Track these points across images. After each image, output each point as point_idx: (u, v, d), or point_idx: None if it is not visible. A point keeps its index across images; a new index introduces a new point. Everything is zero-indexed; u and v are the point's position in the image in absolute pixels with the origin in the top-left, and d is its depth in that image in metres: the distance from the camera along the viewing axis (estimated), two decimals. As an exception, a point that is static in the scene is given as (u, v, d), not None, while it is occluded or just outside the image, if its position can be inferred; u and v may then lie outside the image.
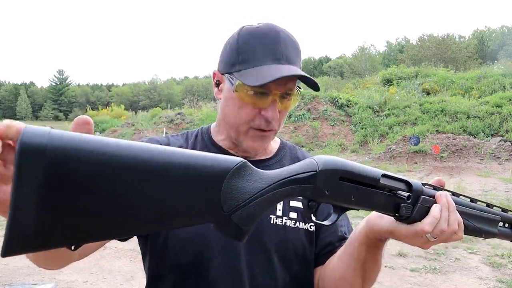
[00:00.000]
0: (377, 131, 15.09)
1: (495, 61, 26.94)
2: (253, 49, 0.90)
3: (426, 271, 4.53)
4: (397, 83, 19.98)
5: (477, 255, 5.02)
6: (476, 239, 5.58)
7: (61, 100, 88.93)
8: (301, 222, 0.98)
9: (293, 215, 0.98)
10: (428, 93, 17.85)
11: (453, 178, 9.97)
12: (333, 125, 15.91)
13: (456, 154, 12.12)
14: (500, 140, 12.84)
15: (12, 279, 4.10)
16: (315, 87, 0.92)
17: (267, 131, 0.94)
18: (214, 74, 0.99)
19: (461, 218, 0.76)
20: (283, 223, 0.96)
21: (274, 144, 1.10)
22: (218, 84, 0.98)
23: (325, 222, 0.68)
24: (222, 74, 0.95)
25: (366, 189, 0.67)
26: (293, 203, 0.99)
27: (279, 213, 0.97)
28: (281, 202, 0.97)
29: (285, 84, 0.90)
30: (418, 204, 0.72)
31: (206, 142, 1.05)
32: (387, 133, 14.89)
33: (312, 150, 14.43)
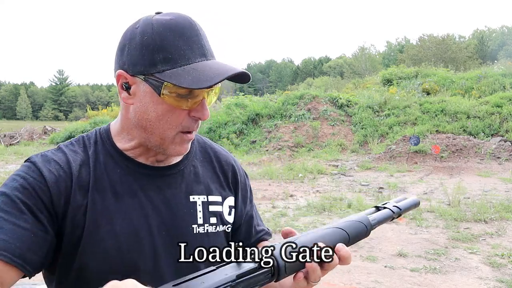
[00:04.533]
0: (377, 131, 15.08)
1: (495, 61, 26.91)
2: (175, 45, 0.80)
3: (426, 271, 4.53)
4: (397, 83, 19.96)
5: (477, 255, 5.02)
6: (476, 239, 5.57)
7: (61, 100, 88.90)
8: (220, 225, 0.95)
9: (213, 220, 0.94)
10: (428, 93, 17.84)
11: (453, 178, 9.97)
12: (333, 125, 15.89)
13: (456, 154, 12.12)
14: (500, 140, 12.83)
15: (12, 279, 4.10)
16: (246, 79, 0.85)
17: (192, 133, 0.87)
18: (119, 75, 0.84)
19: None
20: (206, 231, 0.92)
21: None
22: (127, 87, 0.84)
23: None
24: (133, 75, 0.82)
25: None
26: (212, 208, 0.95)
27: (200, 221, 0.92)
28: (201, 210, 0.93)
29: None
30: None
31: (110, 151, 0.91)
32: (387, 133, 14.88)
33: (312, 150, 14.43)
